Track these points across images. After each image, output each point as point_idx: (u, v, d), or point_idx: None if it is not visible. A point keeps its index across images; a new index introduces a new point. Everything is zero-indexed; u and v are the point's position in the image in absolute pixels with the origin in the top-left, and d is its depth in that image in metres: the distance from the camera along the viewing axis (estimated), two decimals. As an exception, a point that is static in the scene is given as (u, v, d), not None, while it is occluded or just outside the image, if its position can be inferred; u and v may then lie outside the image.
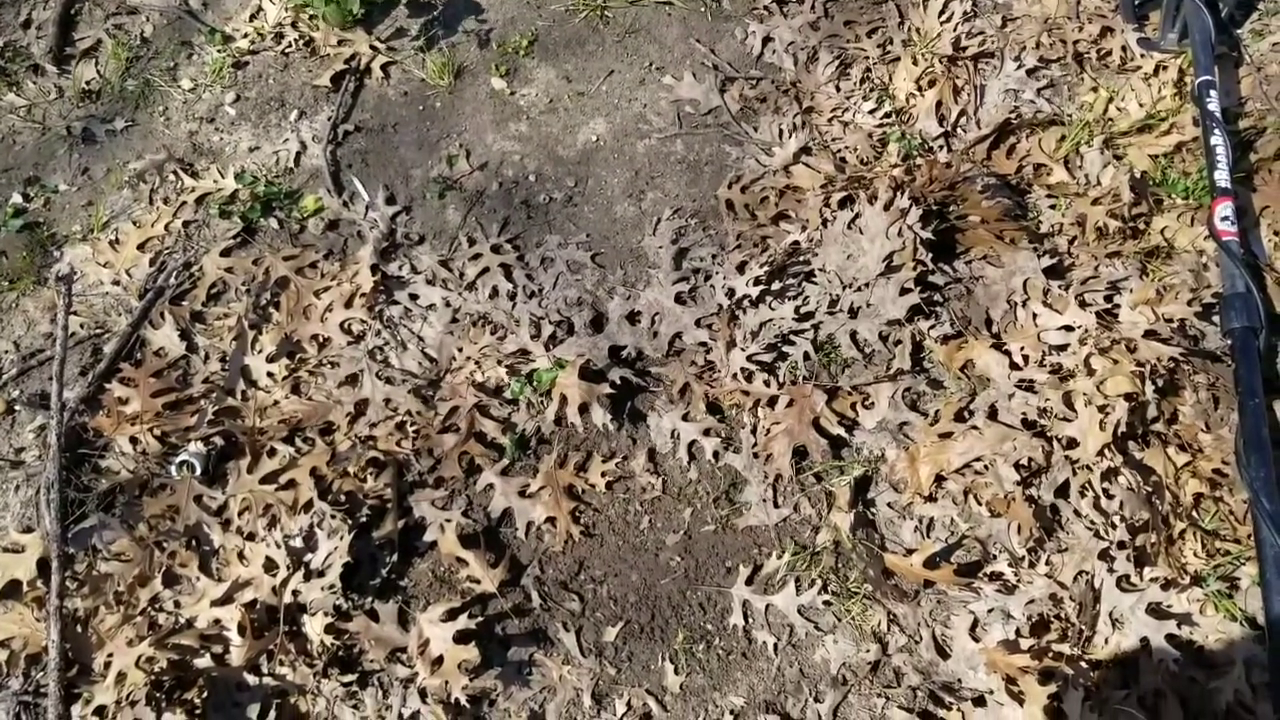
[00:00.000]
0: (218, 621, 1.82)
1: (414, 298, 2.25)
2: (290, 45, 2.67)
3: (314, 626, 1.81)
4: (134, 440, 2.07)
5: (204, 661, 1.79)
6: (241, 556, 1.90)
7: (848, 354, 2.09)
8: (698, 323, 2.13)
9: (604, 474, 2.01)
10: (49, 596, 1.80)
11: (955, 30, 2.45)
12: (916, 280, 2.06)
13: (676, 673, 1.82)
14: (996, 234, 2.13)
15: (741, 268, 2.14)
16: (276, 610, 1.82)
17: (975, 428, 1.91)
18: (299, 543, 1.89)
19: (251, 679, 1.80)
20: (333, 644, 1.81)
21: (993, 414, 1.93)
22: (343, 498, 1.97)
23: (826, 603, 1.84)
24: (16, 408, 2.19)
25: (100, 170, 2.55)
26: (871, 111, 2.38)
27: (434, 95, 2.60)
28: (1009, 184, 2.23)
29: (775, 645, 1.82)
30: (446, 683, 1.75)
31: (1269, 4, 2.44)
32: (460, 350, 2.16)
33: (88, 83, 2.68)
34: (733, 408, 2.06)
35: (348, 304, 2.22)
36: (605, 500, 2.01)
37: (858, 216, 2.10)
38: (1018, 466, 1.85)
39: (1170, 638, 1.67)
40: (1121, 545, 1.76)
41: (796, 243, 2.15)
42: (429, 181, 2.45)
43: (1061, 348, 1.98)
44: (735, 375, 2.04)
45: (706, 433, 2.02)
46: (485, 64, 2.63)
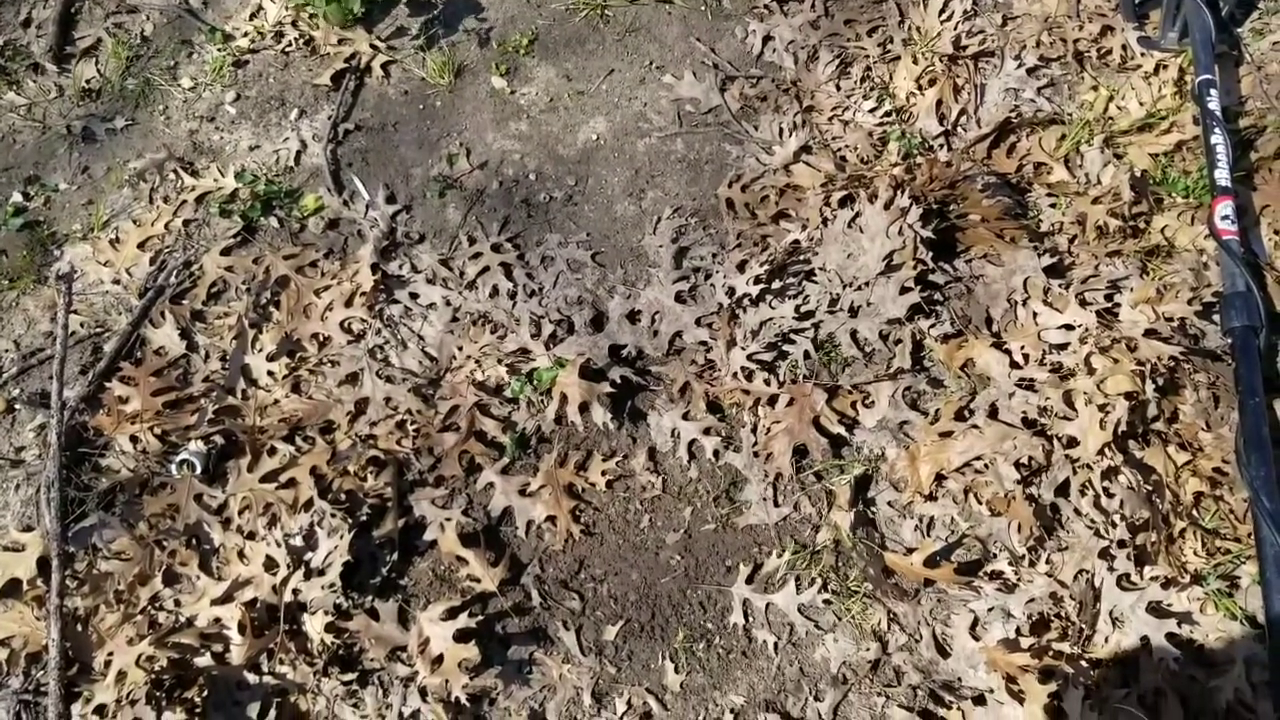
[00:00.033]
0: (218, 620, 1.83)
1: (414, 296, 2.25)
2: (290, 44, 2.68)
3: (314, 625, 1.82)
4: (134, 439, 2.07)
5: (204, 660, 1.80)
6: (242, 555, 1.90)
7: (848, 353, 2.09)
8: (698, 321, 2.13)
9: (604, 473, 2.01)
10: (49, 595, 1.80)
11: (955, 29, 2.45)
12: (917, 279, 2.06)
13: (677, 671, 1.82)
14: (997, 233, 2.13)
15: (742, 266, 2.14)
16: (277, 609, 1.82)
17: (975, 426, 1.91)
18: (299, 541, 1.89)
19: (252, 678, 1.80)
20: (333, 643, 1.81)
21: (993, 413, 1.93)
22: (343, 496, 1.97)
23: (827, 601, 1.84)
24: (17, 406, 2.19)
25: (100, 169, 2.55)
26: (872, 110, 2.38)
27: (434, 94, 2.60)
28: (1009, 183, 2.23)
29: (775, 644, 1.82)
30: (447, 681, 1.75)
31: (1269, 3, 2.44)
32: (460, 349, 2.16)
33: (88, 81, 2.68)
34: (733, 406, 2.06)
35: (348, 303, 2.22)
36: (605, 499, 2.01)
37: (858, 215, 2.10)
38: (1018, 465, 1.85)
39: (1170, 636, 1.67)
40: (1122, 544, 1.77)
41: (797, 241, 2.15)
42: (429, 180, 2.45)
43: (1062, 346, 1.98)
44: (735, 374, 2.04)
45: (707, 431, 2.02)
46: (485, 63, 2.63)
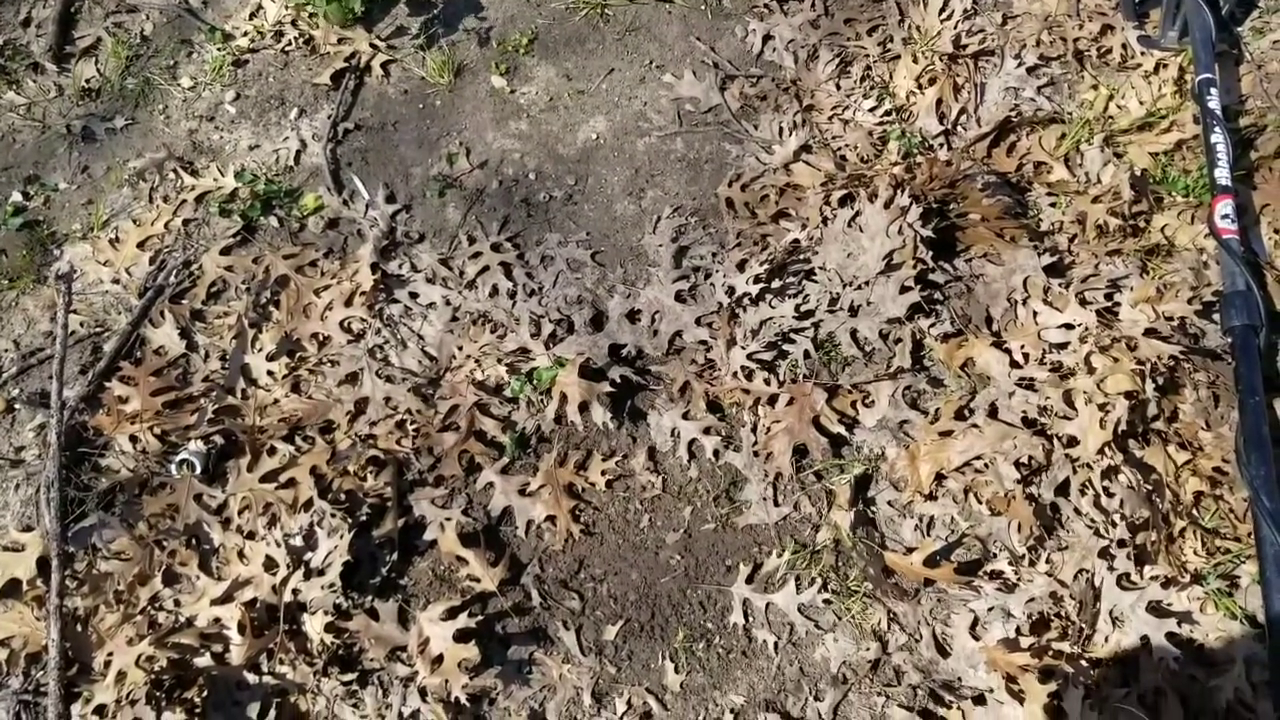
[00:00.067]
0: (218, 620, 1.83)
1: (414, 296, 2.25)
2: (290, 43, 2.67)
3: (314, 625, 1.82)
4: (134, 439, 2.07)
5: (204, 660, 1.79)
6: (241, 555, 1.90)
7: (848, 352, 2.09)
8: (698, 321, 2.13)
9: (604, 472, 2.01)
10: (49, 595, 1.80)
11: (955, 28, 2.45)
12: (917, 278, 2.06)
13: (677, 671, 1.82)
14: (997, 232, 2.12)
15: (742, 266, 2.14)
16: (276, 609, 1.82)
17: (975, 426, 1.91)
18: (299, 541, 1.89)
19: (251, 678, 1.80)
20: (333, 643, 1.81)
21: (993, 412, 1.93)
22: (343, 496, 1.97)
23: (827, 601, 1.84)
24: (16, 406, 2.19)
25: (100, 168, 2.55)
26: (872, 109, 2.37)
27: (434, 93, 2.60)
28: (1009, 182, 2.23)
29: (775, 643, 1.82)
30: (446, 681, 1.75)
31: (1269, 1, 2.44)
32: (460, 349, 2.16)
33: (88, 81, 2.68)
34: (733, 406, 2.06)
35: (348, 302, 2.22)
36: (605, 499, 2.01)
37: (858, 214, 2.10)
38: (1018, 465, 1.85)
39: (1170, 636, 1.67)
40: (1122, 543, 1.76)
41: (797, 241, 2.15)
42: (429, 180, 2.45)
43: (1062, 346, 1.98)
44: (735, 373, 2.04)
45: (707, 431, 2.02)
46: (485, 62, 2.63)
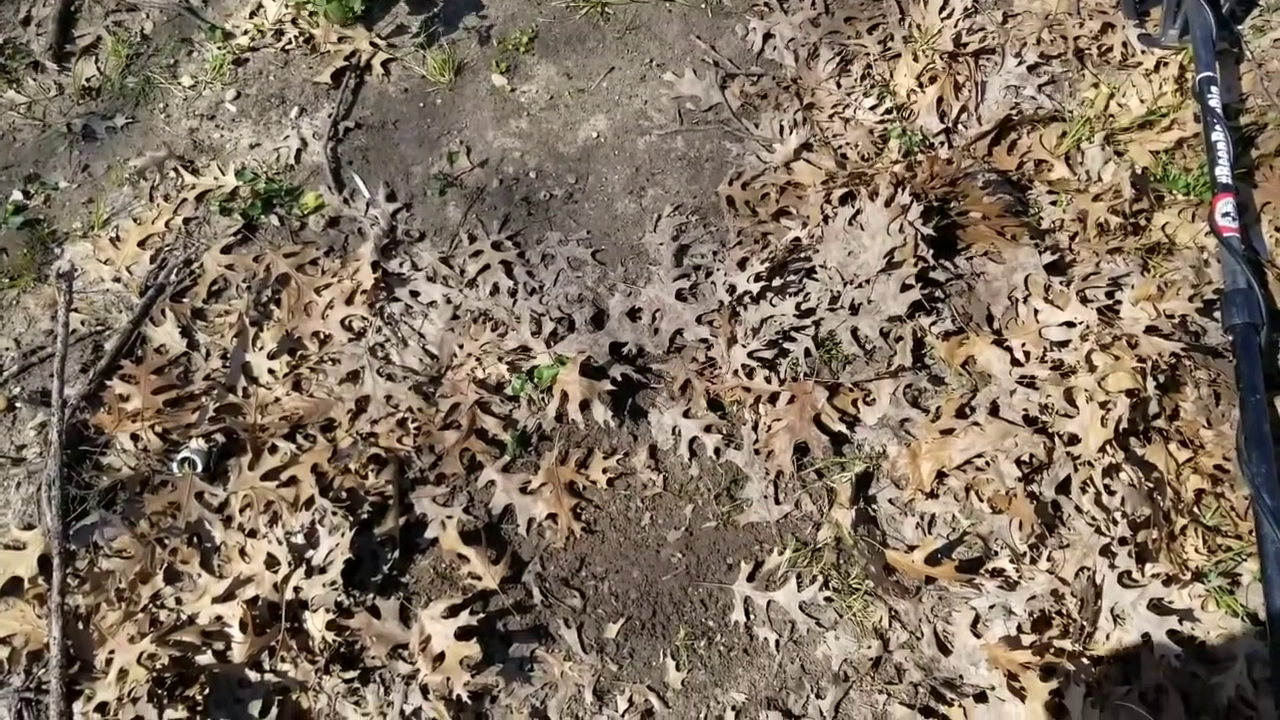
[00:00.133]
0: (219, 618, 1.83)
1: (415, 295, 2.25)
2: (291, 42, 2.67)
3: (316, 623, 1.82)
4: (135, 437, 2.07)
5: (205, 658, 1.80)
6: (243, 553, 1.90)
7: (849, 350, 2.09)
8: (699, 319, 2.13)
9: (605, 470, 2.01)
10: (50, 593, 1.80)
11: (956, 26, 2.45)
12: (918, 276, 2.06)
13: (678, 669, 1.82)
14: (998, 230, 2.12)
15: (742, 264, 2.14)
16: (278, 607, 1.82)
17: (977, 424, 1.91)
18: (300, 539, 1.89)
19: (253, 675, 1.80)
20: (334, 640, 1.81)
21: (994, 410, 1.93)
22: (344, 494, 1.97)
23: (828, 599, 1.84)
24: (18, 405, 2.19)
25: (101, 167, 2.55)
26: (872, 108, 2.37)
27: (434, 92, 2.59)
28: (1010, 180, 2.23)
29: (777, 641, 1.82)
30: (448, 679, 1.75)
31: (1270, 0, 2.44)
32: (461, 347, 2.16)
33: (88, 80, 2.68)
34: (734, 404, 2.06)
35: (349, 301, 2.22)
36: (606, 497, 2.01)
37: (859, 213, 2.10)
38: (1019, 463, 1.85)
39: (1172, 633, 1.67)
40: (1123, 541, 1.76)
41: (797, 239, 2.15)
42: (430, 178, 2.45)
43: (1063, 344, 1.98)
44: (736, 372, 2.04)
45: (708, 429, 2.02)
46: (486, 61, 2.63)
